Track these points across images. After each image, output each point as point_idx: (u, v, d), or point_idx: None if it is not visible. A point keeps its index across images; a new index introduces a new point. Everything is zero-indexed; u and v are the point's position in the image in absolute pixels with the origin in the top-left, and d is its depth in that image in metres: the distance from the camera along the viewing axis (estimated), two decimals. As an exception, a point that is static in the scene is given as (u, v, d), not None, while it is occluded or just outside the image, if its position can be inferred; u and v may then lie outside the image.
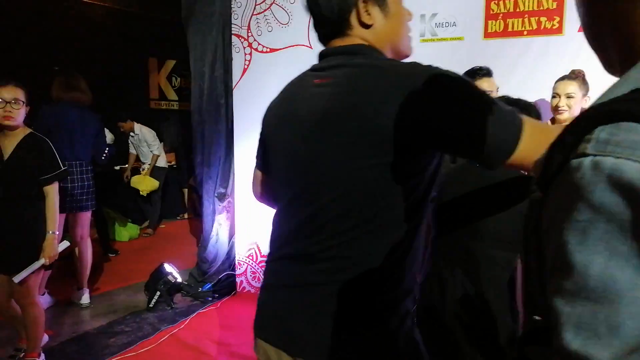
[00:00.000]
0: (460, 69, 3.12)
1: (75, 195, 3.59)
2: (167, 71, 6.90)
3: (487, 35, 3.02)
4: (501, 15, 2.98)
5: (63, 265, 3.76)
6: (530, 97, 1.84)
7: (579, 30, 2.12)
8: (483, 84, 2.22)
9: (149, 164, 6.06)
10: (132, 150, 6.02)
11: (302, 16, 3.47)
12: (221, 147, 3.88)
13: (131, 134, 5.88)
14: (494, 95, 2.19)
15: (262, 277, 1.17)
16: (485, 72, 2.30)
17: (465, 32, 3.07)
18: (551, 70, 2.74)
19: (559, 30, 2.90)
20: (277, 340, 1.05)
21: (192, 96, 3.89)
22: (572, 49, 2.80)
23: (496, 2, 2.97)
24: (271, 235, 1.16)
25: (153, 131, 6.04)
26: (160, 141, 6.53)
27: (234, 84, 3.78)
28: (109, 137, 5.10)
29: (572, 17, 2.76)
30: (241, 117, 3.80)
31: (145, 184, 6.02)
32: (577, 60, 2.67)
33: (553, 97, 2.54)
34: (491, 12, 2.99)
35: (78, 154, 3.63)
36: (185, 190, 6.94)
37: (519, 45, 2.99)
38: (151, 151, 6.02)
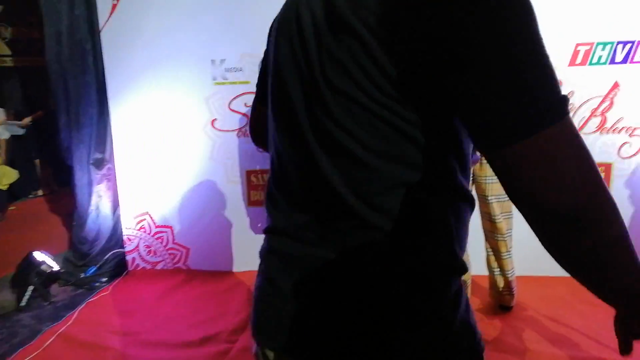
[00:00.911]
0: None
1: None
2: (-6, 20, 5.60)
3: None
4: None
5: None
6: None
7: None
8: None
9: None
10: None
11: None
12: (92, 104, 3.21)
13: None
14: None
15: (261, 261, 0.87)
16: None
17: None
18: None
19: None
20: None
21: (47, 41, 3.11)
22: None
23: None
24: (270, 198, 0.86)
25: None
26: (1, 106, 5.36)
27: (101, 25, 3.10)
28: None
29: None
30: (114, 65, 3.16)
31: (7, 177, 4.96)
32: None
33: None
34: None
35: None
36: (37, 162, 5.86)
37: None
38: None
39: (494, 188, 2.48)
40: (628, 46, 2.76)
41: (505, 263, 2.57)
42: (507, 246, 2.55)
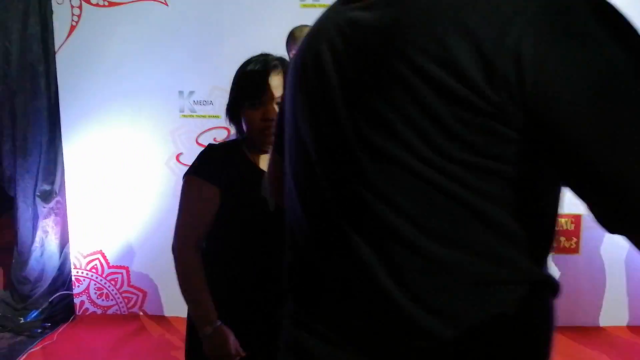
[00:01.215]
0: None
1: None
2: None
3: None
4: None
5: None
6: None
7: None
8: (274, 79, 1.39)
9: None
10: None
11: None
12: (43, 130, 2.90)
13: None
14: None
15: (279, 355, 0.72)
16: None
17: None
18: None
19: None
20: None
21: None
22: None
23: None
24: (290, 272, 0.74)
25: None
26: None
27: (57, 46, 2.82)
28: None
29: None
30: (70, 90, 2.88)
31: None
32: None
33: None
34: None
35: None
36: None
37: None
38: None
39: None
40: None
41: None
42: None
